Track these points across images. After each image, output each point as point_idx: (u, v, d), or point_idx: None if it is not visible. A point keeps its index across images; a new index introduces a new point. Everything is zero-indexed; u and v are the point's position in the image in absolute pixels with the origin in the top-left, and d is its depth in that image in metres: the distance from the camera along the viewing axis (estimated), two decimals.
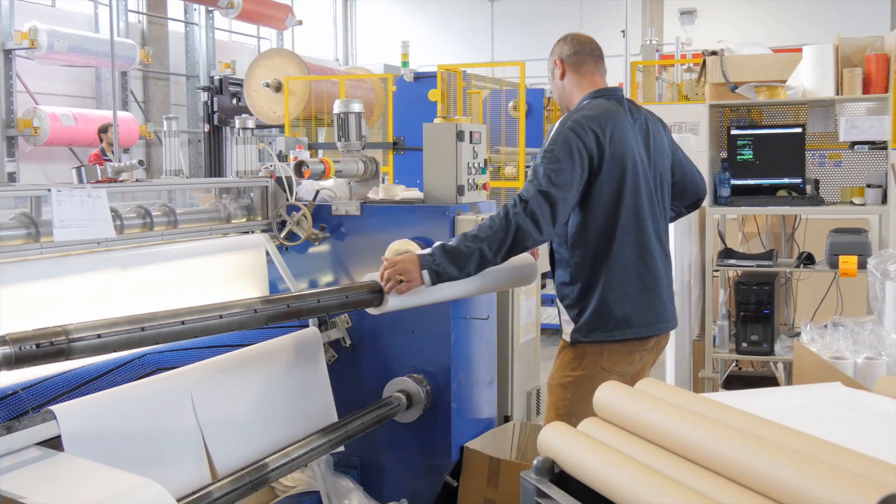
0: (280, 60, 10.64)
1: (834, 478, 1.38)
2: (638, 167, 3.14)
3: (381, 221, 3.85)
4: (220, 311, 2.69)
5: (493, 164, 8.91)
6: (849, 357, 3.54)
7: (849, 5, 15.97)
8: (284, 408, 3.35)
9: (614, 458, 1.73)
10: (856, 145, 5.07)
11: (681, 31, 15.32)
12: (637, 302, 3.12)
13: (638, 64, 9.85)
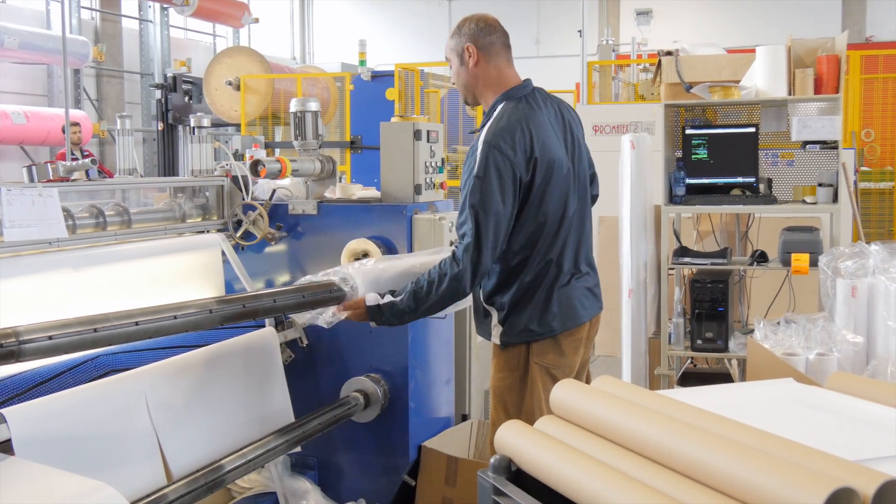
0: (242, 59, 10.55)
1: (786, 473, 1.40)
2: (563, 166, 3.13)
3: (338, 221, 3.84)
4: (175, 312, 2.66)
5: (451, 163, 8.90)
6: (801, 353, 3.59)
7: (801, 7, 16.21)
8: (241, 409, 3.32)
9: (571, 456, 1.74)
10: (807, 145, 5.15)
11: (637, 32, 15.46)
12: (575, 295, 3.24)
13: (594, 64, 9.91)
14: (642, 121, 7.65)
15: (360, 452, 3.85)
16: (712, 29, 16.26)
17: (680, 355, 5.23)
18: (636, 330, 4.98)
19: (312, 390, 3.81)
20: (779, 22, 15.60)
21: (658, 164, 5.20)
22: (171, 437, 2.96)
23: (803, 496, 1.34)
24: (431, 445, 3.81)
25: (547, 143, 3.08)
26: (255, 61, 10.45)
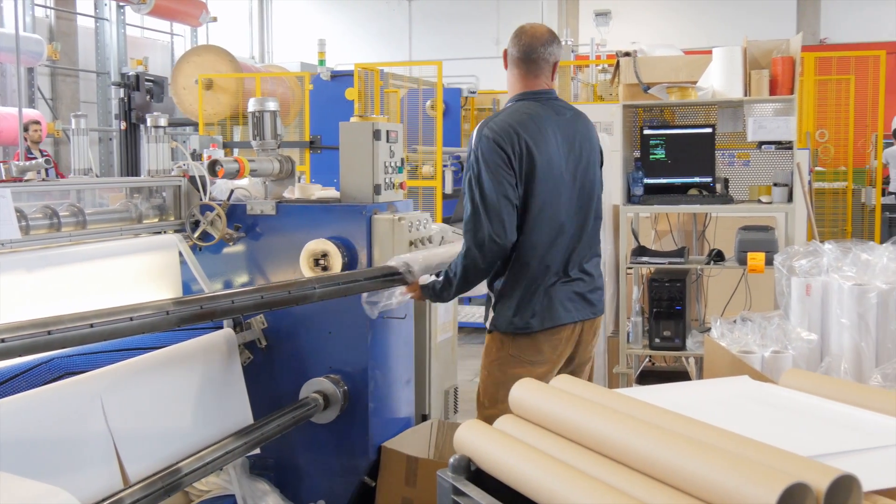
0: (210, 57, 10.44)
1: (741, 469, 1.42)
2: (554, 168, 3.30)
3: (297, 221, 3.82)
4: (131, 314, 2.62)
5: (411, 163, 8.90)
6: (757, 351, 3.64)
7: (757, 9, 16.42)
8: (198, 411, 3.29)
9: (529, 455, 1.74)
10: (763, 145, 5.22)
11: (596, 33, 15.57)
12: (554, 296, 3.34)
13: None
14: (601, 121, 7.68)
15: (319, 453, 3.84)
16: (670, 30, 16.42)
17: (638, 354, 5.27)
18: None
19: (271, 392, 3.78)
20: (735, 23, 15.79)
21: (616, 165, 5.24)
22: (128, 440, 2.93)
23: (758, 492, 1.35)
24: (391, 446, 3.80)
25: (539, 142, 3.27)
26: (225, 60, 10.35)
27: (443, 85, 9.16)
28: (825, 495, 1.36)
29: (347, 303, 3.62)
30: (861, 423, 1.83)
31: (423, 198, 8.83)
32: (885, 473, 1.51)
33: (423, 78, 10.62)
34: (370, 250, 3.73)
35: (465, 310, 8.74)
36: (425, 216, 3.98)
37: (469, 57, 17.40)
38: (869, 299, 3.47)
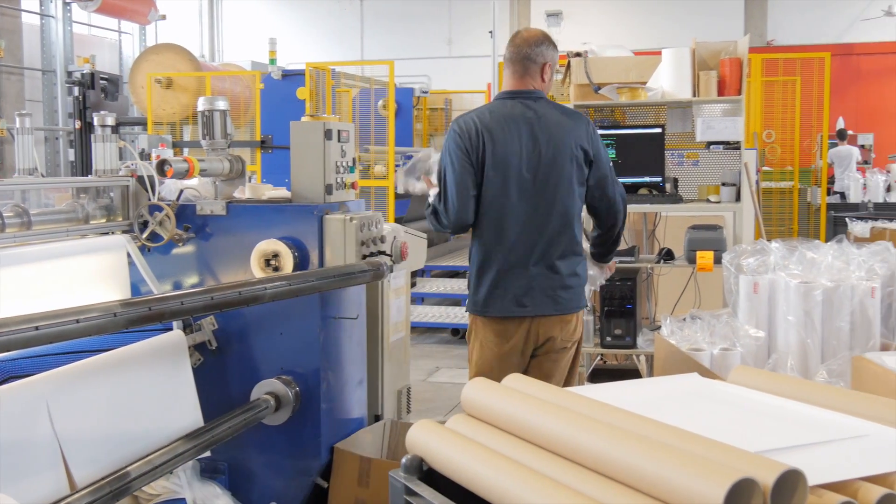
0: (170, 56, 10.30)
1: (689, 465, 1.43)
2: (510, 164, 3.51)
3: (248, 221, 3.78)
4: (77, 316, 2.58)
5: (363, 162, 8.87)
6: (706, 348, 3.68)
7: (705, 10, 16.62)
8: (147, 414, 3.25)
9: (481, 454, 1.75)
10: (711, 145, 5.29)
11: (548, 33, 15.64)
12: (497, 284, 3.58)
13: None
14: None
15: (271, 455, 3.81)
16: (621, 31, 16.55)
17: (590, 352, 5.31)
18: None
19: (222, 394, 3.75)
20: (684, 25, 15.98)
21: None
22: (75, 445, 2.88)
23: (706, 488, 1.37)
24: (344, 447, 3.78)
25: (498, 138, 3.52)
26: (185, 59, 10.23)
27: (395, 84, 9.15)
28: (772, 489, 1.38)
29: (299, 303, 3.60)
30: (807, 418, 1.86)
31: (376, 198, 8.81)
32: (831, 468, 1.53)
33: (374, 77, 10.59)
34: (322, 250, 3.71)
35: (418, 310, 8.74)
36: (377, 216, 3.97)
37: (421, 57, 17.40)
38: (814, 297, 3.53)
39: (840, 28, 16.73)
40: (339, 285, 3.54)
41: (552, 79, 3.71)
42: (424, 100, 13.07)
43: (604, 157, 3.65)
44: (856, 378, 2.63)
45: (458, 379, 6.88)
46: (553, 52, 3.65)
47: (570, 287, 3.60)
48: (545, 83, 3.64)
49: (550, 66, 3.63)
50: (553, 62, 3.65)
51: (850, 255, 3.68)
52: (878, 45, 16.51)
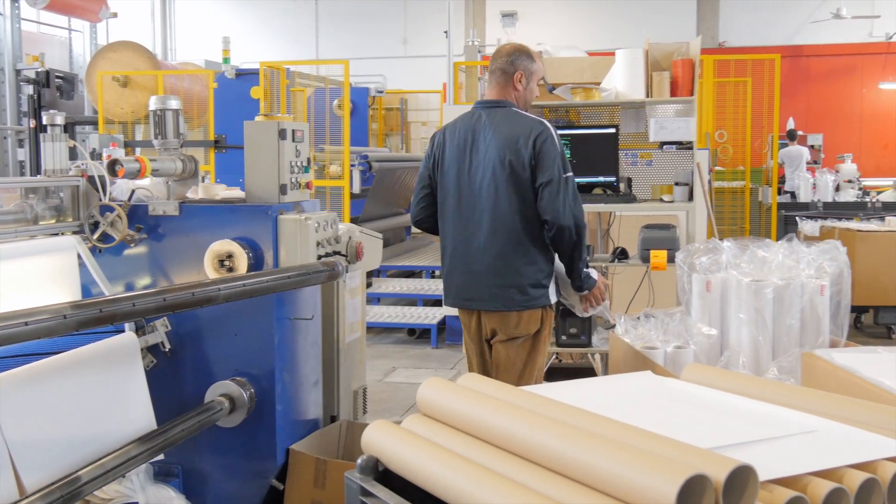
0: (128, 54, 10.15)
1: (643, 462, 1.44)
2: (454, 169, 3.80)
3: (201, 222, 3.75)
4: (26, 318, 2.54)
5: (318, 162, 8.83)
6: (659, 346, 3.72)
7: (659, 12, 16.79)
8: (99, 417, 3.20)
9: (437, 454, 1.75)
10: (664, 145, 5.34)
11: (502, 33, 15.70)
12: (448, 278, 3.89)
13: (461, 64, 10.00)
14: None
15: (226, 458, 3.78)
16: (576, 31, 16.67)
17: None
18: None
19: (176, 396, 3.71)
20: (638, 26, 16.12)
21: None
22: (24, 449, 2.83)
23: (660, 484, 1.38)
24: (299, 448, 3.76)
25: (451, 145, 3.82)
26: (143, 57, 10.08)
27: (350, 84, 9.12)
28: (724, 485, 1.40)
29: (253, 304, 3.57)
30: (758, 414, 1.88)
31: (331, 198, 8.77)
32: (781, 463, 1.55)
33: (329, 77, 10.55)
34: (276, 251, 3.69)
35: (374, 310, 8.72)
36: (332, 216, 3.96)
37: (377, 56, 17.37)
38: (765, 295, 3.58)
39: (790, 30, 17.01)
40: (294, 286, 3.52)
41: (528, 87, 3.83)
42: (380, 99, 13.04)
43: (549, 165, 3.63)
44: (805, 374, 2.67)
45: (414, 379, 6.88)
46: (527, 61, 3.80)
47: (507, 286, 3.71)
48: (519, 91, 3.81)
49: (524, 74, 3.78)
50: (527, 70, 3.80)
51: (800, 253, 3.73)
52: (826, 46, 16.81)
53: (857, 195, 11.67)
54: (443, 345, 8.14)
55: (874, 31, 16.79)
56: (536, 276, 3.73)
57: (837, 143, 16.14)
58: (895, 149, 16.33)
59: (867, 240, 7.75)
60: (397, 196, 10.62)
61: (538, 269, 3.74)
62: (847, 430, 1.75)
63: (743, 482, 1.43)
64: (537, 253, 3.72)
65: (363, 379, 4.65)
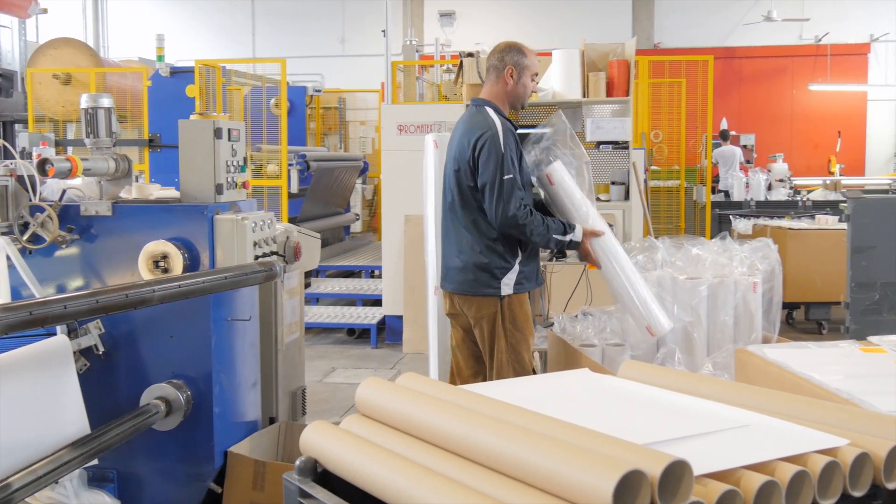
0: (69, 51, 9.92)
1: (580, 459, 1.46)
2: (444, 163, 4.00)
3: (135, 222, 3.69)
4: None
5: (255, 162, 8.74)
6: (597, 344, 3.76)
7: (595, 13, 16.96)
8: (30, 422, 3.13)
9: (375, 454, 1.74)
10: (601, 145, 5.39)
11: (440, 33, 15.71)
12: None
13: (399, 64, 9.99)
14: (446, 121, 7.77)
15: (162, 462, 3.72)
16: (513, 31, 16.74)
17: None
18: (442, 326, 5.05)
19: (110, 400, 3.65)
20: (575, 26, 16.27)
21: None
22: None
23: (596, 481, 1.39)
24: (238, 450, 3.73)
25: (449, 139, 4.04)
26: (85, 54, 9.86)
27: (287, 83, 9.04)
28: (659, 480, 1.42)
29: (190, 306, 3.53)
30: (693, 410, 1.91)
31: (269, 197, 8.70)
32: (715, 458, 1.58)
33: (267, 76, 10.45)
34: (213, 251, 3.64)
35: (313, 310, 8.67)
36: (269, 216, 3.92)
37: (314, 55, 17.26)
38: (700, 292, 3.65)
39: (722, 32, 17.31)
40: (230, 286, 3.48)
41: (520, 82, 3.90)
42: (318, 98, 12.97)
43: (483, 169, 3.73)
44: (739, 370, 2.72)
45: (353, 379, 6.85)
46: (518, 56, 3.88)
47: (465, 273, 3.86)
48: (510, 86, 3.89)
49: (514, 68, 3.86)
50: (517, 65, 3.87)
51: (733, 251, 3.81)
52: (758, 48, 17.15)
53: (789, 194, 11.92)
54: (382, 344, 8.12)
55: (804, 34, 17.18)
56: (491, 266, 3.80)
57: (769, 143, 16.48)
58: (825, 149, 16.71)
59: (798, 238, 7.92)
60: (336, 196, 10.57)
61: (494, 262, 3.81)
62: (779, 424, 1.79)
63: (678, 477, 1.45)
64: (490, 246, 3.80)
65: (302, 380, 4.62)
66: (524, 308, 3.90)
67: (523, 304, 3.90)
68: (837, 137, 15.98)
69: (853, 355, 2.55)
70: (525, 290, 3.89)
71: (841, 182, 12.28)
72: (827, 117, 17.07)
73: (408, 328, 7.76)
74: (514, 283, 3.84)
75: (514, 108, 4.02)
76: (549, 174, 3.81)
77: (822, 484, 1.59)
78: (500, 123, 3.78)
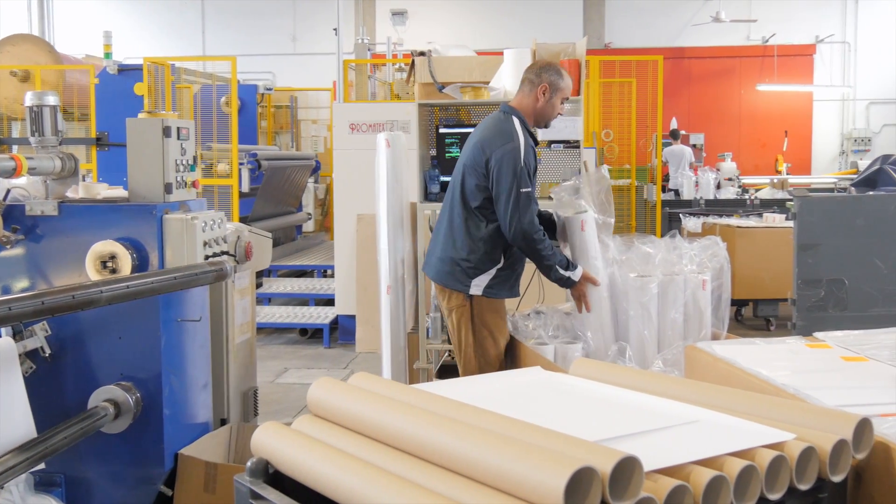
0: (28, 47, 9.73)
1: (531, 457, 1.46)
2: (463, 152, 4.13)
3: (82, 222, 3.63)
4: None
5: (206, 161, 8.65)
6: (549, 343, 3.78)
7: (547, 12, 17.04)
8: None
9: (327, 454, 1.73)
10: (552, 144, 5.42)
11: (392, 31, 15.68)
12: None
13: (350, 62, 9.95)
14: (398, 119, 7.76)
15: (111, 465, 3.67)
16: (466, 30, 16.78)
17: (438, 349, 5.35)
18: (395, 326, 5.04)
19: (58, 402, 3.59)
20: (527, 25, 16.34)
21: (413, 163, 5.29)
22: None
23: (548, 477, 1.40)
24: (189, 452, 3.69)
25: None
26: (43, 51, 9.67)
27: (238, 81, 8.97)
28: (610, 476, 1.43)
29: (139, 306, 3.48)
30: (643, 407, 1.93)
31: (219, 197, 8.61)
32: (665, 453, 1.60)
33: (217, 74, 10.35)
34: (162, 251, 3.60)
35: (265, 310, 8.60)
36: (220, 215, 3.89)
37: (265, 53, 17.14)
38: (650, 290, 3.68)
39: (672, 32, 17.49)
40: (180, 287, 3.45)
41: (550, 101, 4.01)
42: (269, 97, 12.87)
43: (500, 179, 3.82)
44: (688, 367, 2.75)
45: (306, 379, 6.81)
46: (555, 76, 3.99)
47: (443, 264, 4.00)
48: (540, 103, 3.99)
49: (548, 87, 3.96)
50: (552, 85, 3.98)
51: (683, 249, 3.85)
52: (706, 49, 17.36)
53: (737, 193, 12.09)
54: (335, 344, 8.08)
55: (751, 35, 17.43)
56: (466, 263, 3.93)
57: (718, 142, 16.69)
58: (772, 148, 16.96)
59: (746, 236, 8.03)
60: (287, 195, 10.50)
61: (470, 259, 3.92)
62: (727, 419, 1.81)
63: (629, 473, 1.46)
64: (472, 246, 3.92)
65: (254, 380, 4.58)
66: (495, 309, 3.98)
67: (494, 307, 3.97)
68: (784, 137, 16.23)
69: (800, 351, 2.59)
70: (495, 297, 3.96)
71: (788, 181, 12.48)
72: (774, 117, 17.34)
73: (360, 328, 7.73)
74: (486, 286, 3.92)
75: (537, 124, 4.10)
76: (584, 221, 3.92)
77: (769, 478, 1.62)
78: (522, 137, 3.89)
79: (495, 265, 3.91)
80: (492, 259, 3.91)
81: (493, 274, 3.91)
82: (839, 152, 17.91)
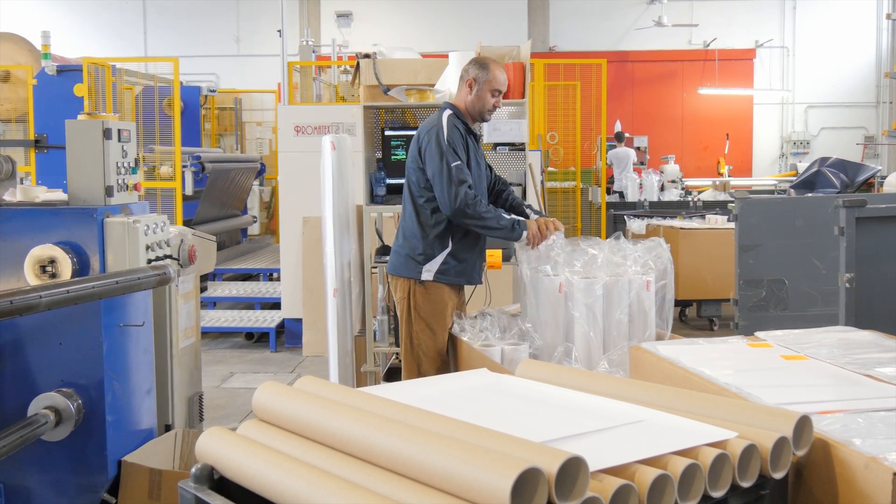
0: (7, 46, 9.49)
1: (478, 458, 1.46)
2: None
3: (19, 226, 3.56)
4: None
5: (148, 163, 8.53)
6: (496, 344, 3.79)
7: (492, 15, 17.12)
8: None
9: (272, 459, 1.72)
10: (498, 147, 5.44)
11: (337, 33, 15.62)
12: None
13: (295, 64, 9.90)
14: (343, 122, 7.74)
15: (52, 473, 3.60)
16: (411, 33, 16.78)
17: (385, 351, 5.35)
18: (342, 328, 5.03)
19: None
20: (472, 28, 16.39)
21: (359, 165, 5.28)
22: None
23: (494, 479, 1.41)
24: (132, 459, 3.63)
25: None
26: (24, 51, 9.44)
27: (180, 82, 8.86)
28: (556, 476, 1.44)
29: (79, 311, 3.42)
30: (588, 407, 1.95)
31: (162, 200, 8.50)
32: (610, 453, 1.61)
33: (159, 75, 10.22)
34: (103, 255, 3.54)
35: (210, 314, 8.51)
36: (162, 218, 3.84)
37: (209, 55, 16.96)
38: (595, 291, 3.71)
39: (615, 36, 17.69)
40: (122, 291, 3.39)
41: (477, 94, 4.06)
42: (212, 99, 12.74)
43: (428, 159, 3.95)
44: (633, 367, 2.77)
45: (252, 384, 6.75)
46: (477, 69, 4.07)
47: (397, 255, 4.11)
48: (469, 97, 4.09)
49: (473, 80, 4.05)
50: (476, 78, 4.05)
51: (627, 251, 3.88)
52: (649, 52, 17.58)
53: (680, 195, 12.24)
54: (282, 348, 8.03)
55: (693, 39, 17.69)
56: (411, 253, 4.04)
57: (661, 144, 16.91)
58: (714, 151, 17.23)
59: (689, 237, 8.14)
60: (232, 197, 10.40)
61: (413, 248, 4.03)
62: (671, 418, 1.84)
63: (575, 473, 1.47)
64: (421, 234, 4.02)
65: (199, 385, 4.53)
66: (435, 298, 4.02)
67: (437, 294, 4.02)
68: (726, 140, 16.50)
69: (741, 351, 2.63)
70: (446, 281, 4.03)
71: (729, 183, 12.67)
72: (716, 120, 17.62)
73: (307, 331, 7.69)
74: (437, 271, 4.02)
75: (475, 119, 4.16)
76: (562, 284, 3.83)
77: (712, 476, 1.64)
78: (447, 121, 3.99)
79: (444, 249, 4.01)
80: (442, 244, 4.01)
81: (444, 258, 4.01)
82: (779, 155, 18.27)
